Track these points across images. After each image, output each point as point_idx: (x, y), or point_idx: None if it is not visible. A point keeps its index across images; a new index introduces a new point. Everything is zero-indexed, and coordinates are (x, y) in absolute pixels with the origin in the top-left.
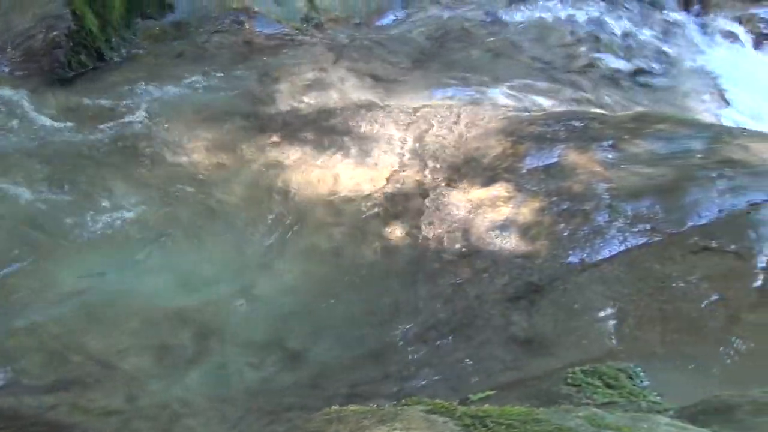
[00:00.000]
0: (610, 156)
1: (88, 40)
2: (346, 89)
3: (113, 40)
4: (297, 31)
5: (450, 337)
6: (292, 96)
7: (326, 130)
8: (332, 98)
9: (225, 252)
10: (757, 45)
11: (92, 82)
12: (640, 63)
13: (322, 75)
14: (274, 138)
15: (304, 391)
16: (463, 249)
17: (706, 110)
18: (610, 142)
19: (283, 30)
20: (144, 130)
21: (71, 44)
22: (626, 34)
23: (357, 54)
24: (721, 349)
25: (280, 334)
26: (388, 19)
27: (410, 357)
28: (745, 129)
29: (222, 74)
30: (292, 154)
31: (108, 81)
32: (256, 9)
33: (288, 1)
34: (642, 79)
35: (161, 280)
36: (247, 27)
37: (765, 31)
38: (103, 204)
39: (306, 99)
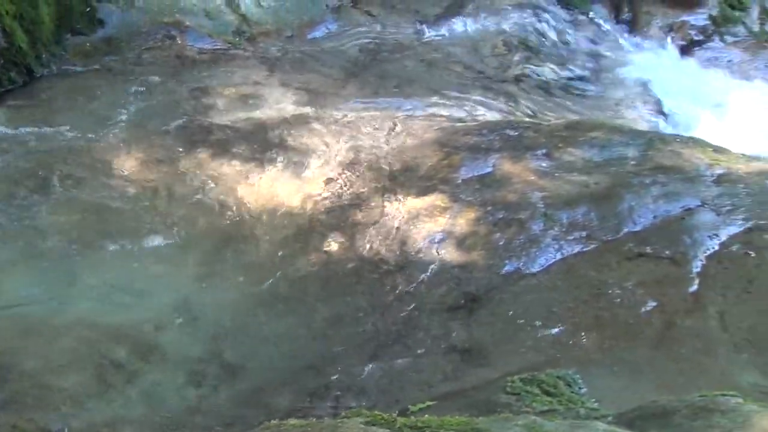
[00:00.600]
0: (544, 164)
1: (18, 56)
2: (280, 102)
3: (43, 56)
4: (229, 45)
5: (389, 348)
6: (226, 110)
7: (261, 143)
8: (267, 111)
9: (162, 268)
10: (688, 52)
11: (23, 99)
12: (573, 72)
13: (255, 88)
14: (209, 152)
15: (243, 405)
16: (401, 260)
17: (638, 117)
18: (545, 151)
19: (215, 44)
20: (76, 146)
21: (1, 61)
22: (558, 43)
23: (290, 67)
24: (657, 354)
25: (218, 348)
26: (320, 32)
27: (349, 369)
28: (677, 135)
29: (154, 89)
30: (227, 169)
31: (39, 97)
32: (187, 23)
33: (219, 15)
34: (575, 87)
35: (97, 297)
36: (179, 41)
37: (696, 38)
38: (35, 221)
39: (240, 113)
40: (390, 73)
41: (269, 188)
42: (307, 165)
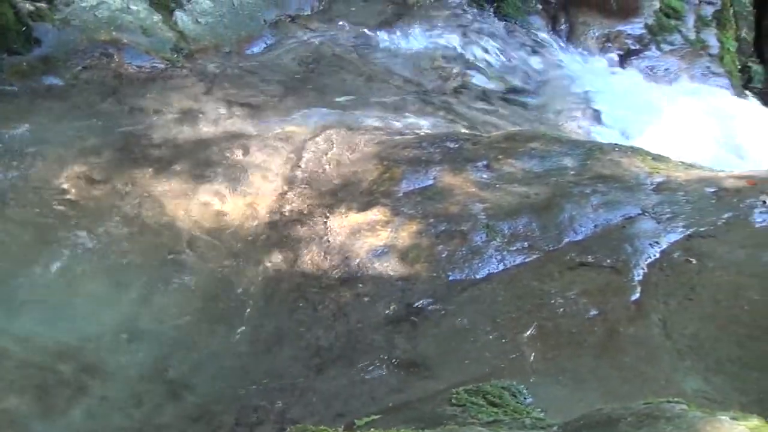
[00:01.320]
0: (485, 176)
1: None
2: (219, 119)
3: None
4: (167, 62)
5: (333, 363)
6: (166, 127)
7: (202, 160)
8: (206, 128)
9: (104, 287)
10: (625, 61)
11: None
12: (511, 83)
13: (194, 105)
14: (149, 171)
15: (188, 423)
16: (344, 274)
17: (577, 127)
18: (485, 162)
19: (153, 61)
20: (13, 166)
21: None
22: (496, 55)
23: (229, 83)
24: (601, 363)
25: (162, 366)
26: (258, 47)
27: (294, 384)
28: (616, 144)
29: (92, 108)
30: (168, 187)
31: None
32: (124, 41)
33: (157, 32)
34: (514, 98)
35: (38, 317)
36: (117, 59)
37: (632, 48)
38: None
39: (180, 130)
40: (329, 87)
41: (210, 205)
42: (248, 181)
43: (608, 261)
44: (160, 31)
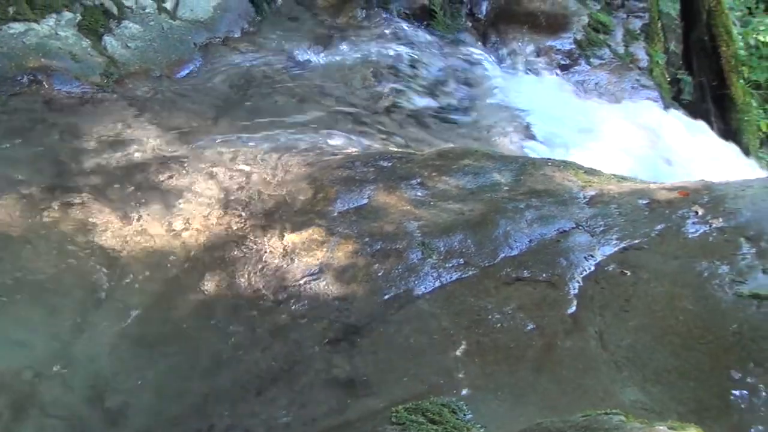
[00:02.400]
0: (419, 194)
1: None
2: (151, 143)
3: None
4: (97, 88)
5: (272, 385)
6: (97, 154)
7: (134, 186)
8: (138, 153)
9: (36, 316)
10: (556, 76)
11: None
12: (443, 100)
13: (125, 130)
14: (81, 198)
15: None
16: (280, 295)
17: (509, 143)
18: (418, 180)
19: (83, 87)
20: None
21: None
22: (428, 72)
23: (160, 107)
24: (539, 377)
25: (100, 394)
26: (189, 70)
27: (234, 407)
28: (549, 159)
29: (22, 135)
30: (100, 214)
31: None
32: (54, 67)
33: (86, 58)
34: (446, 115)
35: None
36: (46, 86)
37: (563, 62)
38: None
39: (111, 156)
40: (261, 109)
41: (144, 230)
42: (182, 205)
43: (544, 275)
44: (90, 57)
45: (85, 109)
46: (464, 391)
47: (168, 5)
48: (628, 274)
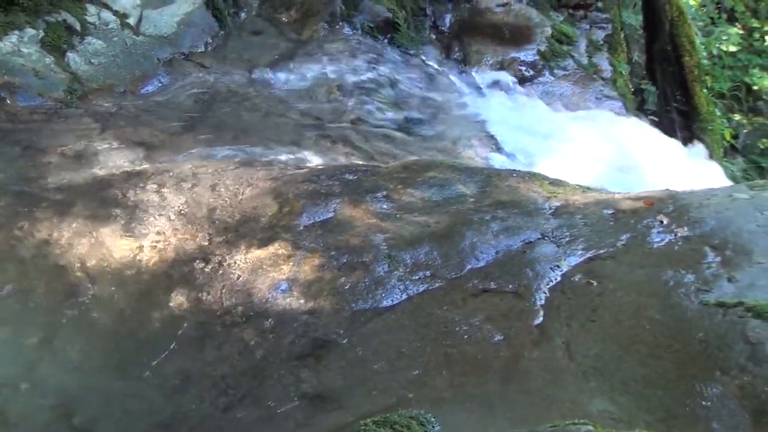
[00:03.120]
0: (385, 206)
1: None
2: (116, 159)
3: None
4: (61, 104)
5: (240, 401)
6: (62, 170)
7: (100, 202)
8: (103, 169)
9: (2, 335)
10: (520, 87)
11: None
12: (408, 113)
13: (90, 146)
14: (46, 214)
15: None
16: (247, 310)
17: (475, 154)
18: (384, 193)
19: (46, 104)
20: None
21: None
22: (392, 86)
23: (124, 122)
24: (507, 388)
25: (66, 412)
26: (153, 86)
27: (202, 424)
28: (514, 170)
29: None
30: (65, 229)
31: None
32: (17, 84)
33: (49, 74)
34: (411, 128)
35: None
36: (9, 102)
37: (527, 74)
38: None
39: (76, 172)
40: (226, 124)
41: (110, 247)
42: (147, 221)
43: (510, 286)
44: (53, 73)
45: (48, 126)
46: (432, 403)
47: (131, 21)
48: (595, 284)
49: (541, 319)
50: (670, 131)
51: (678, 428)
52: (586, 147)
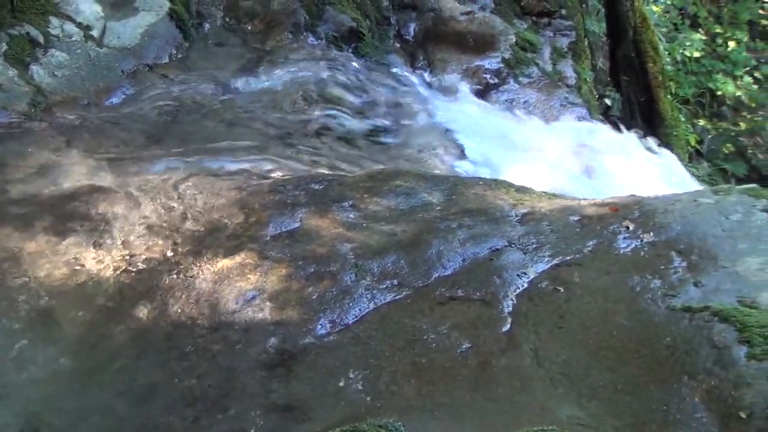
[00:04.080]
0: (351, 216)
1: None
2: (80, 172)
3: None
4: (24, 117)
5: (208, 412)
6: (25, 183)
7: (64, 215)
8: (67, 182)
9: None
10: (485, 95)
11: None
12: (374, 122)
13: (54, 159)
14: (9, 228)
15: None
16: (214, 321)
17: (441, 163)
18: (350, 202)
19: (9, 117)
20: None
21: None
22: (357, 95)
23: (89, 135)
24: (476, 395)
25: (35, 425)
26: (117, 98)
27: None
28: (480, 178)
29: None
30: (30, 243)
31: None
32: None
33: (12, 87)
34: (376, 137)
35: None
36: None
37: (491, 81)
38: None
39: (40, 185)
40: (191, 135)
41: (75, 260)
42: (113, 233)
43: (478, 294)
44: (16, 86)
45: (12, 139)
46: (401, 412)
47: (95, 33)
48: (562, 290)
49: (508, 326)
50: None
51: None
52: (551, 154)
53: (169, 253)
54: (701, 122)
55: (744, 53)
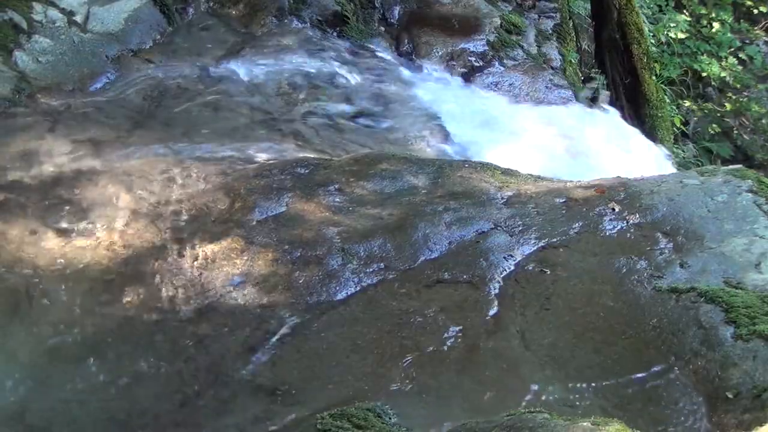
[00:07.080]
0: (337, 200)
1: None
2: (65, 157)
3: None
4: (8, 103)
5: (196, 396)
6: (9, 169)
7: (49, 200)
8: (52, 167)
9: None
10: (470, 78)
11: None
12: (359, 106)
13: (39, 144)
14: None
15: None
16: (201, 306)
17: (427, 146)
18: (336, 186)
19: None
20: None
21: None
22: (342, 79)
23: (73, 120)
24: (463, 378)
25: (20, 411)
26: (101, 83)
27: (159, 420)
28: (466, 161)
29: None
30: (14, 228)
31: None
32: None
33: None
34: (362, 121)
35: None
36: None
37: (476, 64)
38: None
39: (25, 171)
40: (176, 120)
41: (60, 245)
42: (98, 218)
43: (465, 277)
44: (0, 72)
45: None
46: (389, 395)
47: (78, 18)
48: (548, 272)
49: (495, 308)
50: (620, 118)
51: (634, 414)
52: (537, 136)
53: (155, 239)
54: (686, 103)
55: (728, 34)
